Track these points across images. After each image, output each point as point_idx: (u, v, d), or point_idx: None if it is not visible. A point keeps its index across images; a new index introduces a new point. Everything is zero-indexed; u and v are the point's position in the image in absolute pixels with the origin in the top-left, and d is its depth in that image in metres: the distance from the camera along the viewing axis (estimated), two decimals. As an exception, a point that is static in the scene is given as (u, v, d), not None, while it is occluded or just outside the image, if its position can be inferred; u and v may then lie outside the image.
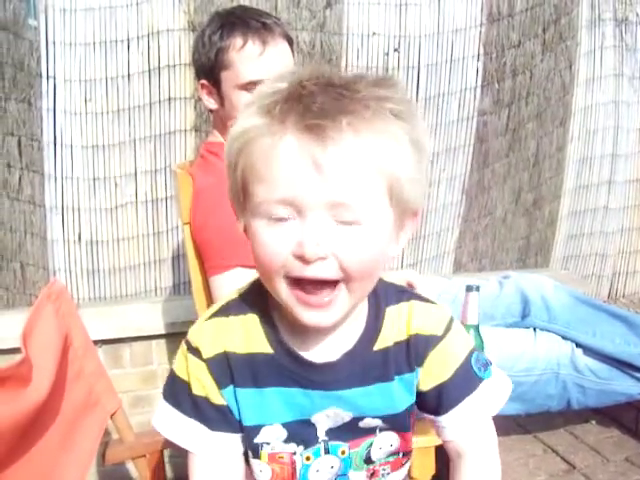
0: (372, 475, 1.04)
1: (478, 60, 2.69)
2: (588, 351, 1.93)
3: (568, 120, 2.98)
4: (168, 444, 1.41)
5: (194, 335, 0.95)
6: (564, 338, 1.96)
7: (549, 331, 1.96)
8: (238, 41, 1.62)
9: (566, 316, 1.97)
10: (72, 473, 1.20)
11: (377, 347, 0.96)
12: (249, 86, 1.62)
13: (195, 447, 0.95)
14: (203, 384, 0.94)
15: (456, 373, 0.98)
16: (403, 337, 0.96)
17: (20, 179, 2.39)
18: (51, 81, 2.32)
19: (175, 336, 2.38)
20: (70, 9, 2.29)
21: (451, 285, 2.06)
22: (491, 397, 1.00)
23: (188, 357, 0.94)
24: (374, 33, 2.51)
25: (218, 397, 0.94)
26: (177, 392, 0.96)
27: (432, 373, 0.97)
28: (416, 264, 2.80)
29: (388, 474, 1.05)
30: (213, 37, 1.65)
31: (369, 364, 0.95)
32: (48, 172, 2.39)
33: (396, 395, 0.97)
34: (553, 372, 1.92)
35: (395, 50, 2.54)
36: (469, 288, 1.49)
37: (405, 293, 1.00)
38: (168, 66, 2.38)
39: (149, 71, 2.38)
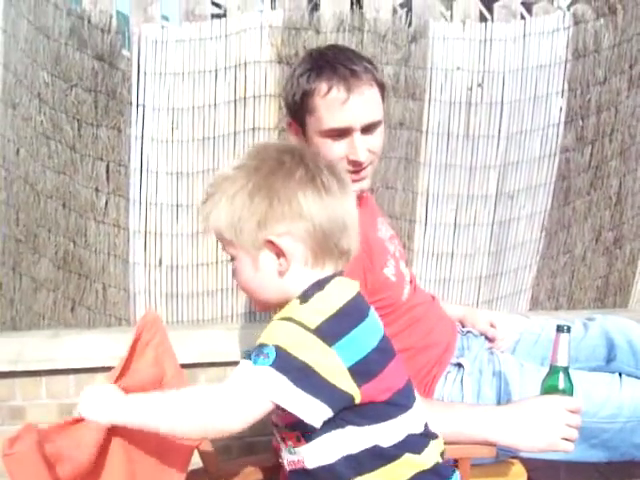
0: (284, 441, 1.20)
1: (562, 96, 2.65)
2: (677, 400, 1.86)
3: (653, 158, 2.91)
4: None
5: None
6: (651, 385, 1.89)
7: (636, 377, 1.90)
8: (323, 87, 1.59)
9: (654, 362, 1.91)
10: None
11: None
12: (331, 133, 1.59)
13: None
14: None
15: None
16: None
17: (107, 203, 2.47)
18: (140, 109, 2.39)
19: (250, 363, 2.40)
20: (162, 40, 2.36)
21: (533, 324, 2.02)
22: (236, 373, 1.11)
23: None
24: (458, 68, 2.51)
25: None
26: None
27: None
28: (492, 301, 2.77)
29: (293, 447, 1.18)
30: (301, 79, 1.63)
31: None
32: (133, 197, 2.46)
33: None
34: (639, 420, 1.86)
35: (478, 85, 2.53)
36: (560, 329, 1.45)
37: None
38: (254, 97, 2.42)
39: (235, 101, 2.43)
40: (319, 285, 1.16)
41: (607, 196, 2.86)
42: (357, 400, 1.10)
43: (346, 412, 1.11)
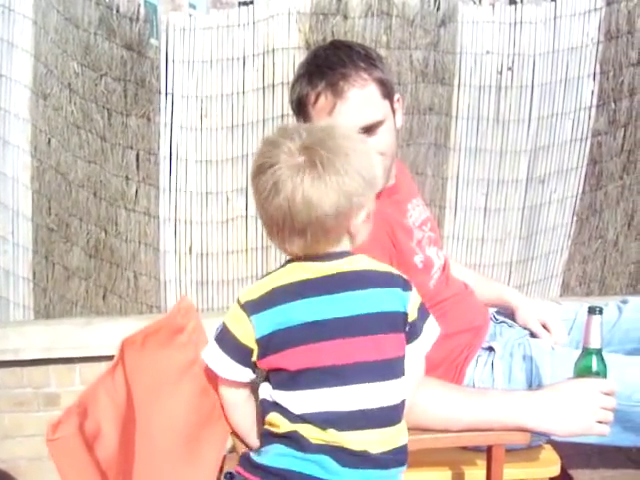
0: None
1: (594, 79, 2.62)
2: None
3: (687, 142, 2.86)
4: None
5: None
6: (687, 369, 1.87)
7: (671, 360, 1.87)
8: (311, 96, 1.57)
9: (690, 345, 1.88)
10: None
11: None
12: None
13: None
14: None
15: None
16: None
17: (137, 191, 2.49)
18: (169, 97, 2.40)
19: (280, 350, 2.41)
20: (189, 28, 2.37)
21: (567, 310, 2.00)
22: None
23: None
24: (488, 52, 2.48)
25: None
26: None
27: None
28: (523, 286, 2.74)
29: None
30: (295, 85, 1.63)
31: None
32: (163, 185, 2.48)
33: None
34: (674, 405, 1.83)
35: (509, 69, 2.50)
36: (592, 310, 1.44)
37: None
38: (282, 83, 2.42)
39: (263, 88, 2.43)
40: (271, 271, 1.29)
41: (640, 180, 2.83)
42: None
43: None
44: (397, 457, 1.23)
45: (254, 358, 1.22)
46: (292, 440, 1.18)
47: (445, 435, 1.44)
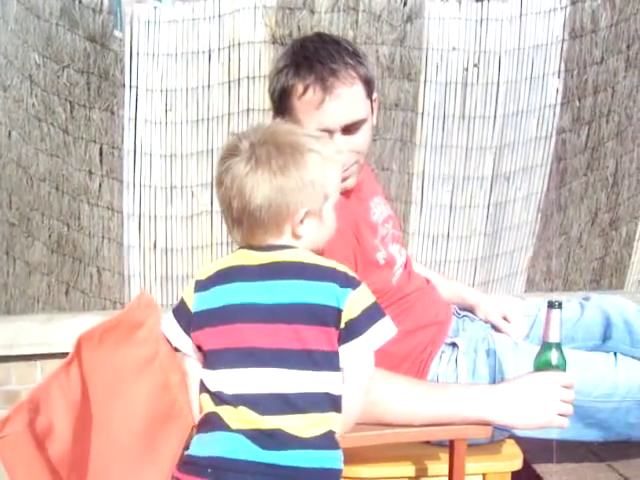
0: None
1: (559, 77, 2.64)
2: (673, 380, 1.86)
3: (649, 139, 2.90)
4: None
5: None
6: (647, 365, 1.89)
7: (631, 356, 1.90)
8: (299, 87, 1.52)
9: (649, 342, 1.91)
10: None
11: None
12: None
13: None
14: None
15: None
16: None
17: (100, 186, 2.46)
18: (133, 91, 2.38)
19: (245, 346, 2.40)
20: (154, 21, 2.34)
21: (530, 306, 2.02)
22: None
23: None
24: (454, 48, 2.49)
25: None
26: None
27: None
28: (488, 283, 2.77)
29: None
30: (279, 75, 1.57)
31: None
32: (127, 180, 2.45)
33: None
34: (635, 400, 1.85)
35: (474, 65, 2.52)
36: (551, 305, 1.45)
37: None
38: (248, 78, 2.41)
39: (229, 82, 2.41)
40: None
41: (603, 177, 2.86)
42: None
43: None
44: (324, 442, 1.21)
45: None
46: (212, 423, 1.21)
47: (406, 430, 1.43)
